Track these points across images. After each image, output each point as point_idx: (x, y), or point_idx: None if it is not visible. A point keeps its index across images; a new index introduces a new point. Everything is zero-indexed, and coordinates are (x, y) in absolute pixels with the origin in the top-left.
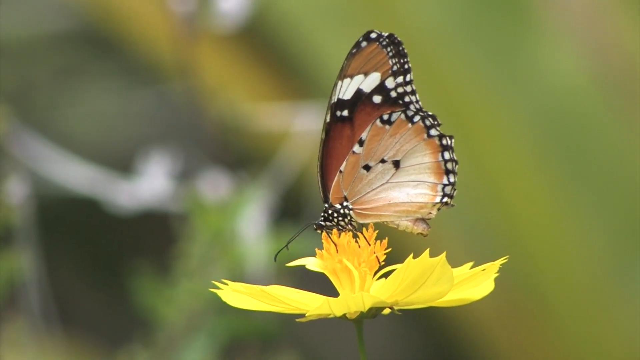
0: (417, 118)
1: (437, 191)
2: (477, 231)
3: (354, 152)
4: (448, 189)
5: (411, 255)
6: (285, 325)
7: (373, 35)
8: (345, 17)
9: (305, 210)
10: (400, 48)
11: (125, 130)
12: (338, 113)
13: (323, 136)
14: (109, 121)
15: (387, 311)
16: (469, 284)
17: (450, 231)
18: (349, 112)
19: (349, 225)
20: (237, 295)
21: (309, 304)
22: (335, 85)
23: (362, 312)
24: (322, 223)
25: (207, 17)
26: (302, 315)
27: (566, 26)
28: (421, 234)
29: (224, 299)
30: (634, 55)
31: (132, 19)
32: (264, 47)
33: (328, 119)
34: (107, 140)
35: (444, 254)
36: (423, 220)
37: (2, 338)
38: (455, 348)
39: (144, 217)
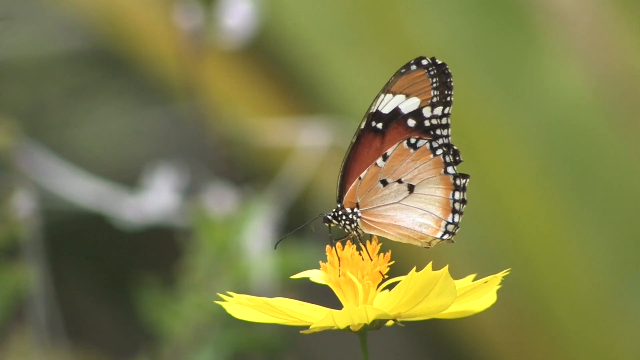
0: (439, 152)
1: (440, 226)
2: (481, 244)
3: (376, 164)
4: (451, 227)
5: (414, 268)
6: (291, 338)
7: (424, 62)
8: (351, 35)
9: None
10: (448, 80)
11: (135, 149)
12: (373, 123)
13: (354, 140)
14: (120, 140)
15: (390, 323)
16: (471, 296)
17: (454, 244)
18: (383, 126)
19: (354, 232)
20: (241, 307)
21: (312, 316)
22: (378, 96)
23: (365, 325)
24: (330, 217)
25: (213, 33)
26: (306, 328)
27: (570, 44)
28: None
29: (229, 311)
30: (637, 72)
31: (143, 39)
32: (270, 63)
33: (363, 126)
34: (118, 158)
35: (446, 267)
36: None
37: (10, 351)
38: (461, 358)
39: (150, 231)
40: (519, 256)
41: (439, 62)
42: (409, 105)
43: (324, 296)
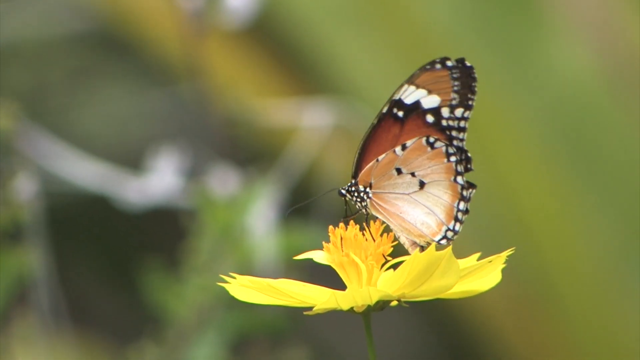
0: (453, 159)
1: (440, 230)
2: (486, 225)
3: (394, 152)
4: (450, 234)
5: (418, 248)
6: (296, 320)
7: (449, 64)
8: (355, 15)
9: (314, 205)
10: (473, 84)
11: (139, 131)
12: (394, 110)
13: (375, 122)
14: (123, 122)
15: (394, 303)
16: (475, 276)
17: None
18: (404, 115)
19: (364, 210)
20: (243, 289)
21: (316, 298)
22: (402, 85)
23: (369, 306)
24: (344, 192)
25: (216, 14)
26: (310, 309)
27: (575, 23)
28: None
29: (232, 293)
30: None
31: (146, 21)
32: (273, 43)
33: (385, 110)
34: (121, 140)
35: (449, 247)
36: (421, 246)
37: (13, 335)
38: (466, 339)
39: (154, 213)
40: (524, 237)
41: (468, 65)
42: (429, 101)
43: (330, 276)
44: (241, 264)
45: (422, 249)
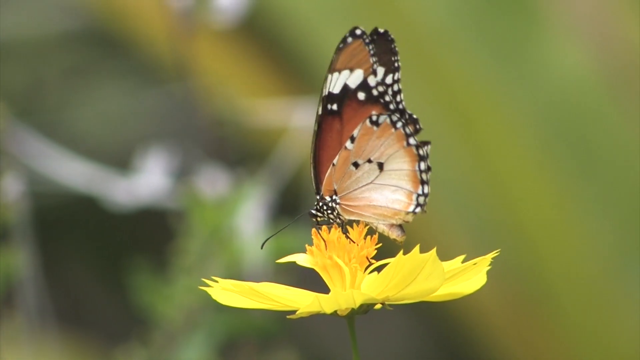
0: (399, 124)
1: (412, 199)
2: (482, 226)
3: (346, 148)
4: (421, 199)
5: (402, 251)
6: (284, 322)
7: (357, 32)
8: (345, 12)
9: (303, 206)
10: (393, 46)
11: (130, 130)
12: (329, 106)
13: (316, 128)
14: (117, 121)
15: (378, 306)
16: (460, 278)
17: (455, 226)
18: (338, 107)
19: (338, 219)
20: (227, 293)
21: (299, 301)
22: (326, 78)
23: (353, 309)
24: (314, 212)
25: (205, 12)
26: (293, 313)
27: (571, 21)
28: (396, 240)
29: (214, 297)
30: (639, 50)
31: (139, 19)
32: (263, 42)
33: (320, 112)
34: (115, 139)
35: (434, 250)
36: (399, 226)
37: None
38: (463, 341)
39: (142, 214)
40: (520, 237)
41: (381, 31)
42: (354, 78)
43: (318, 278)
44: (230, 266)
45: (401, 227)
